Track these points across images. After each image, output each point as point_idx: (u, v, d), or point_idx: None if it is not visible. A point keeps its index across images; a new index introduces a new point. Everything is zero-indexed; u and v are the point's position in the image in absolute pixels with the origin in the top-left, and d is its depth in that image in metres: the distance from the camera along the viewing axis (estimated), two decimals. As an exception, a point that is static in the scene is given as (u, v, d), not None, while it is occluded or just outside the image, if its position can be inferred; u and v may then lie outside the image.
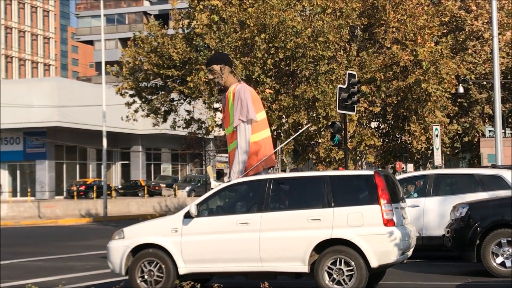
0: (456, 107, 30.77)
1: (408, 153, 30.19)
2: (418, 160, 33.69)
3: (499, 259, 12.76)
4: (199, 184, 58.12)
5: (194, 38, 27.45)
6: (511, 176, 15.40)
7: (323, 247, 10.86)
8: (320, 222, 10.86)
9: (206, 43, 26.11)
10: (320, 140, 26.52)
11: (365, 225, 10.73)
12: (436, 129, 26.85)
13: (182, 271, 11.34)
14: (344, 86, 21.78)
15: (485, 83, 32.42)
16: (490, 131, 35.30)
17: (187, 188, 57.48)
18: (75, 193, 51.82)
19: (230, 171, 12.40)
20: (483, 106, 32.41)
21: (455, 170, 19.66)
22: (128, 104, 31.02)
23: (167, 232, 11.45)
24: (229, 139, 12.62)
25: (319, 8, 25.31)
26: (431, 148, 28.36)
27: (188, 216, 11.40)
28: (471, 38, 31.00)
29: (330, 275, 10.79)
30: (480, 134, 33.75)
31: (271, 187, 11.23)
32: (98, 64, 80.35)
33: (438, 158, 27.11)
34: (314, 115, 25.68)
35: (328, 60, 25.41)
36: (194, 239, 11.30)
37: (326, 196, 10.97)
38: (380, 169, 25.16)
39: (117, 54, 62.18)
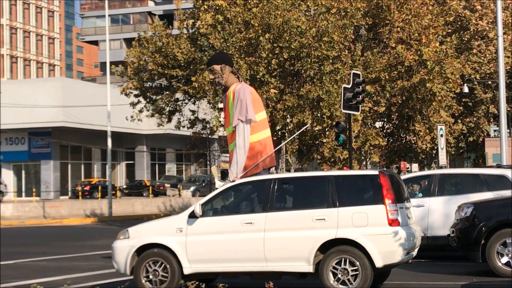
0: (461, 107, 30.74)
1: (413, 153, 30.16)
2: (423, 160, 33.70)
3: (504, 259, 12.73)
4: (203, 184, 58.11)
5: (199, 38, 27.45)
6: (516, 176, 15.37)
7: (328, 247, 10.84)
8: (325, 222, 10.85)
9: (211, 43, 26.10)
10: (324, 140, 26.53)
11: (370, 225, 10.72)
12: (441, 128, 26.81)
13: (187, 271, 11.34)
14: (349, 86, 21.79)
15: (490, 82, 32.36)
16: (495, 130, 35.18)
17: (192, 188, 57.48)
18: (80, 193, 51.81)
19: (229, 171, 12.38)
20: (488, 106, 32.35)
21: (460, 170, 19.58)
22: (133, 104, 31.05)
23: (172, 232, 11.45)
24: (229, 139, 12.60)
25: (324, 8, 25.30)
26: (435, 148, 28.32)
27: (193, 216, 11.39)
28: (476, 37, 30.97)
29: (335, 275, 10.78)
30: (485, 133, 33.68)
31: (276, 187, 11.23)
32: (103, 64, 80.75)
33: (443, 158, 27.07)
34: (319, 115, 25.67)
35: (332, 60, 25.40)
36: (199, 239, 11.29)
37: (331, 196, 10.95)
38: (385, 169, 25.16)
39: (121, 54, 62.16)
